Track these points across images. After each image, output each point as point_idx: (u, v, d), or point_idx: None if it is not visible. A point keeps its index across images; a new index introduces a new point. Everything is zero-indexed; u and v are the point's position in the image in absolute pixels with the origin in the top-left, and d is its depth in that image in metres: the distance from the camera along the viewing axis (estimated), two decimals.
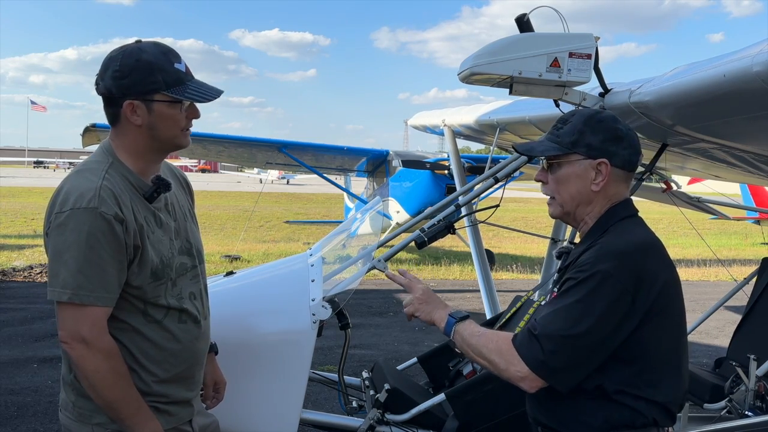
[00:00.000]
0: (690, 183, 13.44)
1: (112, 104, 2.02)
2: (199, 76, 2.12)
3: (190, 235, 2.22)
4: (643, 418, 1.86)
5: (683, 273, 12.48)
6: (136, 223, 1.98)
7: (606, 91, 3.16)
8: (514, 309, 3.17)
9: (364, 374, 3.37)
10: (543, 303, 2.11)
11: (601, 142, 1.94)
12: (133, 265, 1.97)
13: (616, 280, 1.80)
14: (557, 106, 3.27)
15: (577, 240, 2.12)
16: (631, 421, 1.86)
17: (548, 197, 2.07)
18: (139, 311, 2.02)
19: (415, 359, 3.73)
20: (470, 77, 3.13)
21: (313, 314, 2.84)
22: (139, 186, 2.04)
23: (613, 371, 1.84)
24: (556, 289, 1.97)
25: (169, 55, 2.03)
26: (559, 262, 2.15)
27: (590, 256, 1.87)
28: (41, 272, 11.14)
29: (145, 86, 1.97)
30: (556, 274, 2.14)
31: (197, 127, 2.15)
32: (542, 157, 2.03)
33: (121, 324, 1.99)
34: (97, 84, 2.03)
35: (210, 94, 2.07)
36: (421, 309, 2.09)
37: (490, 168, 4.03)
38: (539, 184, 2.08)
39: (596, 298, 1.79)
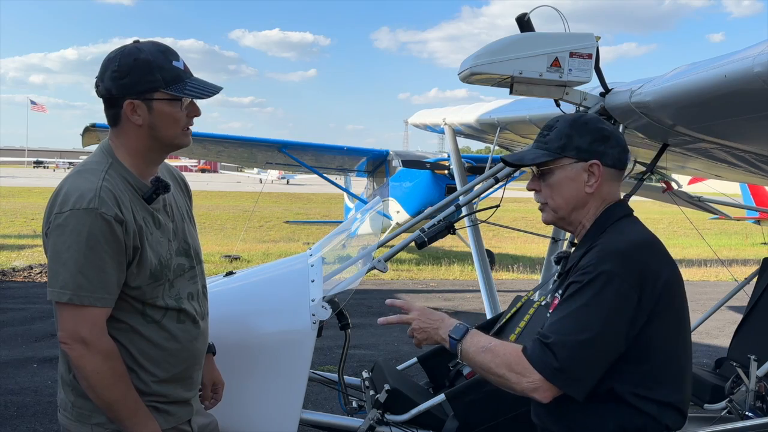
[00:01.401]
0: (690, 183, 13.45)
1: (112, 105, 2.02)
2: (199, 76, 2.12)
3: (187, 236, 2.22)
4: (655, 423, 1.84)
5: (684, 273, 12.45)
6: (136, 224, 1.98)
7: (607, 91, 3.16)
8: (514, 309, 3.16)
9: (364, 374, 3.37)
10: (543, 303, 2.10)
11: (590, 144, 1.95)
12: (132, 266, 1.97)
13: (621, 280, 1.78)
14: (558, 105, 3.27)
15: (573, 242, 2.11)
16: (643, 427, 1.84)
17: (540, 204, 2.05)
18: (138, 312, 2.02)
19: (415, 359, 3.73)
20: (471, 77, 3.13)
21: (313, 314, 2.83)
22: (138, 187, 2.04)
23: (622, 372, 1.83)
24: (558, 295, 1.95)
25: (167, 53, 2.03)
26: (558, 267, 2.14)
27: (592, 257, 1.85)
28: (41, 272, 11.13)
29: (144, 85, 1.97)
30: (556, 280, 2.12)
31: (197, 127, 2.15)
32: (533, 166, 2.02)
33: (120, 324, 1.99)
34: (97, 86, 2.04)
35: (209, 90, 2.07)
36: (422, 338, 2.01)
37: (490, 168, 4.02)
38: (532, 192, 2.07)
39: (604, 299, 1.78)
